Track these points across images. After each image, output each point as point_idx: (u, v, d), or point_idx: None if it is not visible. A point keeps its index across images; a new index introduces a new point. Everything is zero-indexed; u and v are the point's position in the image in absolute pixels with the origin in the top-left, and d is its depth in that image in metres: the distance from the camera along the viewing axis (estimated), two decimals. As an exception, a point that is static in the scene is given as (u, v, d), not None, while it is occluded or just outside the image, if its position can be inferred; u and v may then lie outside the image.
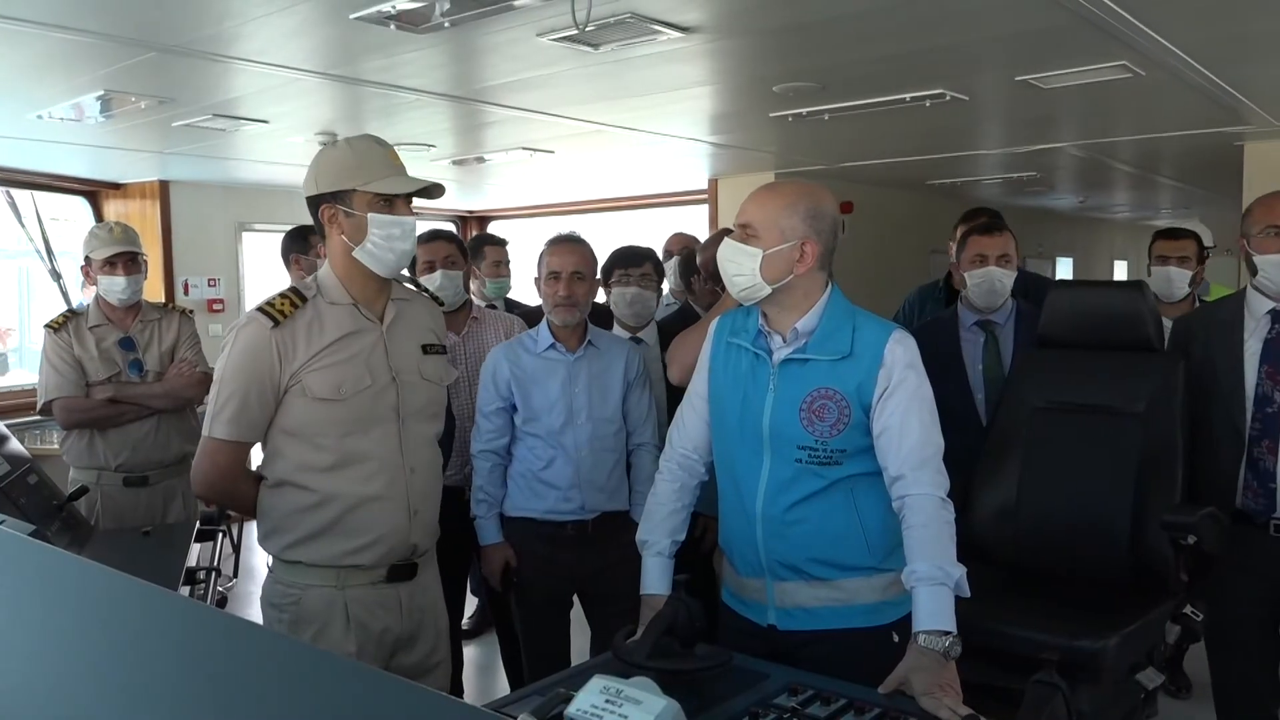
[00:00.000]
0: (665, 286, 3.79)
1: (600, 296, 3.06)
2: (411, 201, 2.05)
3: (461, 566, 3.18)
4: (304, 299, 2.01)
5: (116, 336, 3.40)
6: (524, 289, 4.81)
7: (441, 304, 2.39)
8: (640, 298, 3.22)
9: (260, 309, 1.98)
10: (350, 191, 1.99)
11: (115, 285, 3.38)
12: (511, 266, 4.33)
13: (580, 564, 2.75)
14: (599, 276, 2.95)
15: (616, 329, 3.24)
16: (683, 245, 4.19)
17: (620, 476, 2.80)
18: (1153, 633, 2.42)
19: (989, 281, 3.10)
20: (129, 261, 3.40)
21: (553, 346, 2.76)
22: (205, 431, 1.99)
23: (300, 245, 3.82)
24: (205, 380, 3.47)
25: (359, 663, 1.03)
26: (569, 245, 2.79)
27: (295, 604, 2.02)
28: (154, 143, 4.72)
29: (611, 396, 2.78)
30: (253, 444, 2.03)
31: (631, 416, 2.83)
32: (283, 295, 2.01)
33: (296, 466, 2.00)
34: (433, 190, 2.03)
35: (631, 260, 3.25)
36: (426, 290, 2.36)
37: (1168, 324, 2.91)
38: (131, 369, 3.38)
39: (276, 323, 1.96)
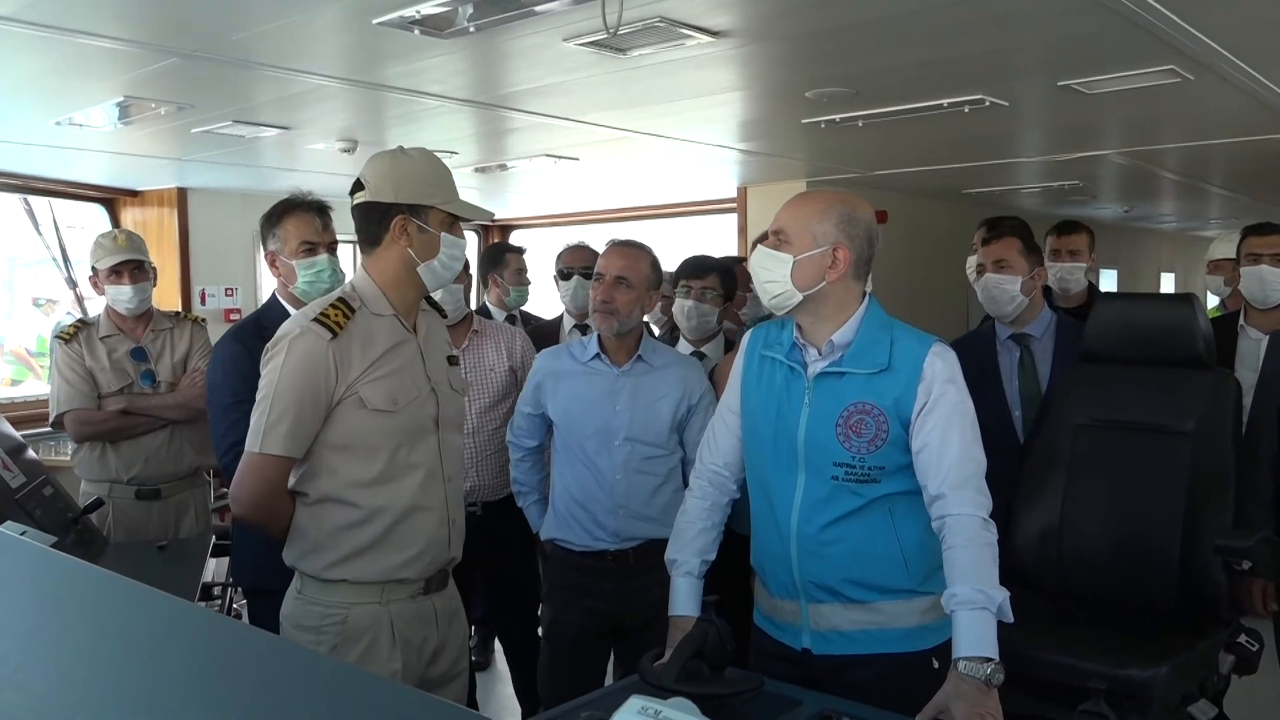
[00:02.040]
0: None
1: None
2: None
3: (464, 586, 3.18)
4: (352, 310, 2.03)
5: (128, 347, 3.44)
6: (542, 299, 4.85)
7: (445, 316, 2.42)
8: (699, 311, 3.17)
9: (317, 320, 1.99)
10: (428, 207, 2.03)
11: (122, 294, 3.41)
12: (529, 275, 4.37)
13: (619, 598, 2.67)
14: (662, 288, 2.85)
15: (682, 344, 3.21)
16: (581, 261, 3.98)
17: (668, 501, 2.66)
18: (1205, 662, 2.38)
19: (987, 289, 3.10)
20: (135, 270, 3.43)
21: (598, 357, 2.69)
22: (254, 447, 1.98)
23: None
24: None
25: (402, 685, 1.03)
26: (620, 249, 2.72)
27: (340, 624, 2.02)
28: (173, 149, 4.78)
29: (659, 418, 2.67)
30: (299, 459, 2.03)
31: (689, 440, 2.71)
32: (334, 306, 2.02)
33: (344, 482, 2.01)
34: (489, 215, 2.10)
35: (694, 271, 3.18)
36: (435, 304, 2.38)
37: (1258, 336, 2.81)
38: (144, 380, 3.42)
39: (334, 334, 1.98)
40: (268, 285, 6.76)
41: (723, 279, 3.22)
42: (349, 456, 2.01)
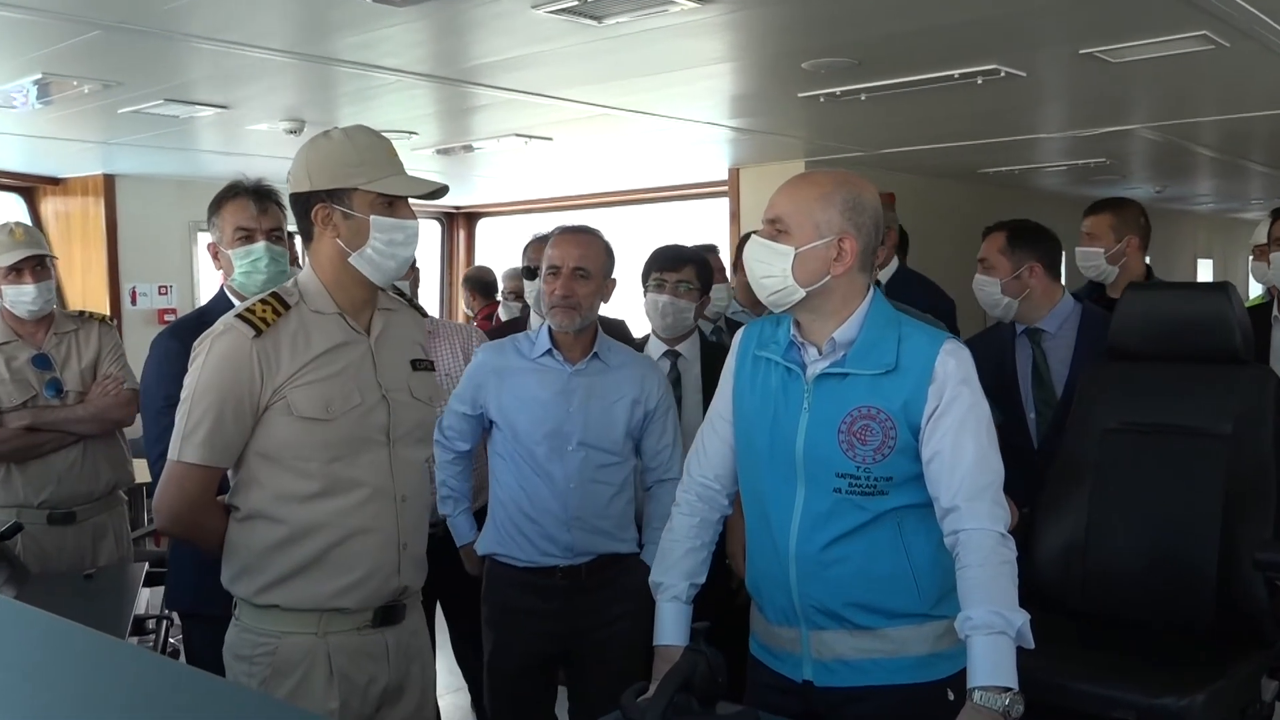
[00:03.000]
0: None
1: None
2: (409, 202, 2.08)
3: (427, 609, 3.18)
4: (286, 306, 2.03)
5: (29, 354, 3.36)
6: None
7: (425, 315, 2.41)
8: (673, 307, 3.13)
9: (240, 316, 2.00)
10: (350, 190, 2.01)
11: (24, 295, 3.33)
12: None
13: (570, 618, 2.68)
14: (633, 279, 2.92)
15: (653, 342, 3.21)
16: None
17: (623, 512, 2.73)
18: (1246, 689, 2.41)
19: (974, 289, 3.26)
20: (38, 266, 3.35)
21: (549, 353, 2.70)
22: (173, 455, 2.00)
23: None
24: (134, 398, 3.46)
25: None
26: (574, 236, 2.72)
27: (270, 654, 2.02)
28: (98, 132, 4.76)
29: (615, 423, 2.69)
30: (225, 469, 2.04)
31: (648, 449, 2.75)
32: (263, 301, 2.03)
33: (274, 496, 2.01)
34: (439, 191, 2.07)
35: (667, 263, 3.15)
36: (411, 299, 2.38)
37: None
38: (49, 390, 3.34)
39: (259, 331, 1.98)
40: (208, 282, 6.76)
41: (699, 271, 3.20)
42: (278, 469, 2.01)
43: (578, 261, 2.66)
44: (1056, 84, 4.17)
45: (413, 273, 3.25)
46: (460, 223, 8.57)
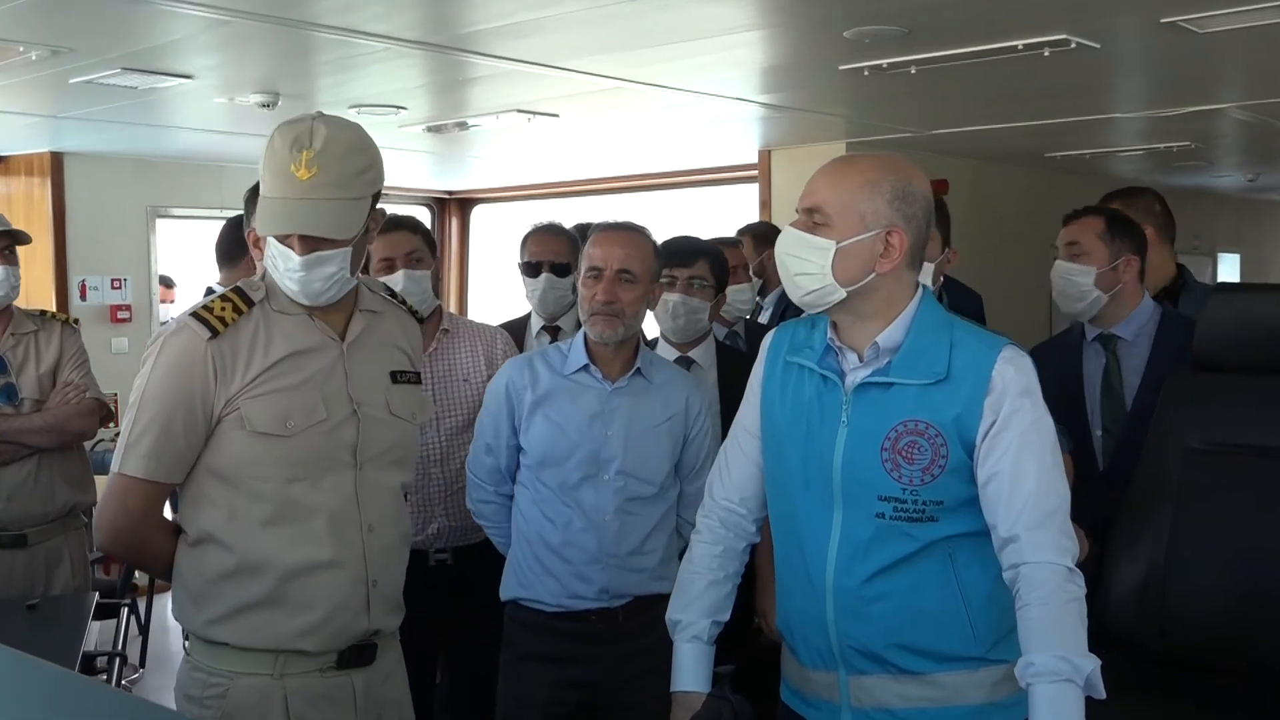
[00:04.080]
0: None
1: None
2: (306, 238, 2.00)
3: (429, 657, 3.17)
4: (250, 303, 2.05)
5: None
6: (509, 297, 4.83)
7: (420, 319, 2.41)
8: (685, 307, 3.12)
9: (195, 314, 2.01)
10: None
11: None
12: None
13: (601, 666, 2.65)
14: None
15: (663, 347, 3.20)
16: (553, 251, 3.85)
17: (665, 549, 2.70)
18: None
19: (1056, 279, 3.17)
20: (5, 249, 3.41)
21: (586, 369, 2.68)
22: (115, 467, 2.02)
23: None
24: (97, 408, 3.48)
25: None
26: (618, 235, 2.67)
27: (220, 697, 2.03)
28: (45, 105, 4.80)
29: (658, 448, 2.67)
30: (173, 485, 2.06)
31: (686, 472, 2.73)
32: (223, 298, 2.04)
33: (225, 518, 2.02)
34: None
35: (678, 257, 3.12)
36: (404, 302, 2.37)
37: None
38: (2, 397, 3.39)
39: (215, 332, 1.99)
40: (167, 275, 6.79)
41: (713, 266, 3.20)
42: (231, 489, 2.02)
43: (622, 263, 2.61)
44: (1134, 57, 4.16)
45: (431, 260, 3.22)
46: (452, 210, 8.60)
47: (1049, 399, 1.94)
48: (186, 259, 6.83)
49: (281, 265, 2.02)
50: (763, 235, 4.73)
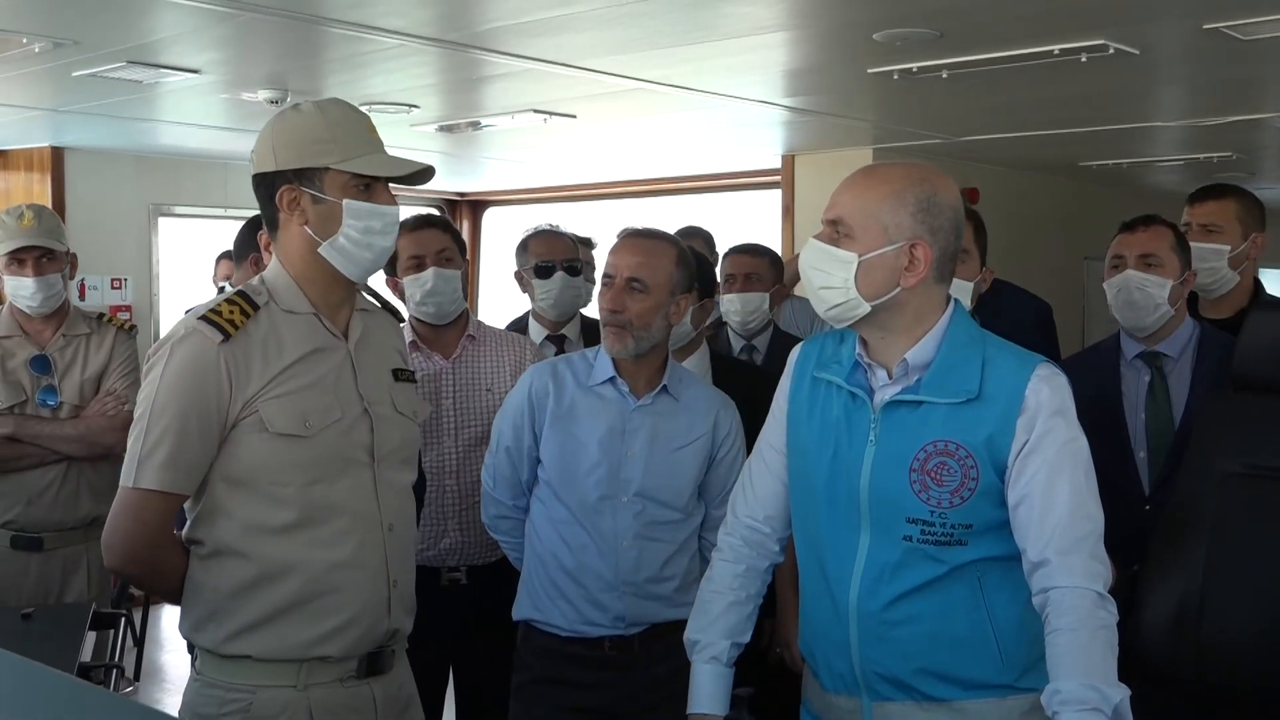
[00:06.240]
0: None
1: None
2: (390, 188, 2.11)
3: (439, 678, 3.17)
4: (255, 306, 2.06)
5: (29, 354, 3.41)
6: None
7: (401, 319, 2.43)
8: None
9: (204, 318, 2.02)
10: (321, 170, 2.05)
11: (23, 289, 3.39)
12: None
13: (615, 693, 2.64)
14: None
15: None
16: (563, 251, 3.88)
17: (684, 574, 2.66)
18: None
19: (1125, 290, 3.07)
20: (42, 259, 3.40)
21: (611, 381, 2.64)
22: (127, 481, 2.01)
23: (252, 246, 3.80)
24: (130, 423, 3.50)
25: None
26: (633, 242, 2.65)
27: (242, 712, 2.04)
28: (47, 98, 4.83)
29: (681, 472, 2.64)
30: (187, 496, 2.06)
31: (713, 496, 2.68)
32: (229, 301, 2.06)
33: (244, 528, 2.03)
34: (423, 174, 2.10)
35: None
36: (386, 303, 2.39)
37: None
38: (42, 398, 3.39)
39: (227, 336, 2.00)
40: (169, 276, 6.81)
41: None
42: (250, 495, 2.03)
43: (633, 271, 2.57)
44: (1174, 64, 4.16)
45: (463, 262, 3.23)
46: (464, 212, 8.62)
47: (1083, 419, 1.94)
48: (190, 258, 6.85)
49: (360, 226, 2.06)
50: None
